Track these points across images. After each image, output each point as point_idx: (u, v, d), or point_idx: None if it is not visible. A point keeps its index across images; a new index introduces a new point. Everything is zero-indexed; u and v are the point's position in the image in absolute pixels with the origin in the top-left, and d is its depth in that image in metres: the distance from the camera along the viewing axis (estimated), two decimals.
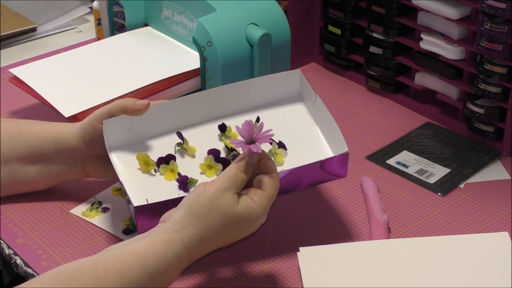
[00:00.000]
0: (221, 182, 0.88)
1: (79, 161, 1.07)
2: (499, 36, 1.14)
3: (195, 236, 0.87)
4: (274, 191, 0.90)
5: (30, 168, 1.08)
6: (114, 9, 1.42)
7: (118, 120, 1.03)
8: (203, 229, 0.87)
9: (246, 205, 0.88)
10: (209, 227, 0.87)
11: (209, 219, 0.87)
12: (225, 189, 0.87)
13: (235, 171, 0.89)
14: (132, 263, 0.83)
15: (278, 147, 1.06)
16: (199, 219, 0.87)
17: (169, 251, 0.85)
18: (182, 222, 0.87)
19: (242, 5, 1.23)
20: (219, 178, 0.89)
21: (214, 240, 0.88)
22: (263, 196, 0.89)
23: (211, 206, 0.87)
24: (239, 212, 0.88)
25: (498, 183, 1.16)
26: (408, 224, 1.07)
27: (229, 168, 0.89)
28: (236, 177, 0.88)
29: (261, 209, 0.89)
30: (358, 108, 1.35)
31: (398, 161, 1.20)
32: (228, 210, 0.87)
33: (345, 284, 0.95)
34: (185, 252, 0.86)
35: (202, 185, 0.88)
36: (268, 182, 0.90)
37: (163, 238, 0.85)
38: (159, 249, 0.84)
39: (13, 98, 1.36)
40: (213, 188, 0.87)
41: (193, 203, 0.87)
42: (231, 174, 0.88)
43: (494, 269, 0.96)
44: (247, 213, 0.88)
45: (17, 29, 1.59)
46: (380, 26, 1.33)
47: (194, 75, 1.26)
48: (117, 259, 0.83)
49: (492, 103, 1.21)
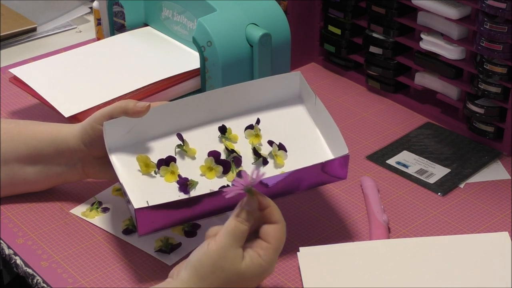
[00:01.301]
0: (222, 240, 0.86)
1: (79, 162, 1.07)
2: (499, 36, 1.14)
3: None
4: (280, 242, 0.89)
5: (29, 168, 1.07)
6: (114, 9, 1.42)
7: (119, 121, 1.03)
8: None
9: (251, 261, 0.87)
10: (216, 286, 0.86)
11: (213, 280, 0.86)
12: (227, 248, 0.86)
13: (234, 224, 0.86)
14: None
15: (279, 149, 1.06)
16: (204, 281, 0.86)
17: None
18: (188, 283, 0.86)
19: (242, 5, 1.23)
20: (220, 235, 0.87)
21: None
22: (269, 250, 0.88)
23: (214, 267, 0.86)
24: (243, 269, 0.86)
25: (498, 183, 1.16)
26: (408, 224, 1.07)
27: (228, 221, 0.87)
28: (236, 230, 0.86)
29: (267, 264, 0.88)
30: (358, 108, 1.35)
31: (398, 161, 1.20)
32: (232, 269, 0.86)
33: (345, 284, 0.95)
34: None
35: (206, 243, 0.87)
36: (274, 233, 0.88)
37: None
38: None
39: (13, 98, 1.36)
40: (215, 247, 0.86)
41: (197, 264, 0.86)
42: (229, 228, 0.86)
43: (494, 269, 0.96)
44: (252, 269, 0.87)
45: (17, 29, 1.59)
46: (380, 26, 1.33)
47: (194, 75, 1.25)
48: None
49: (492, 103, 1.21)
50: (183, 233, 1.04)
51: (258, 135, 1.08)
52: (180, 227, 1.04)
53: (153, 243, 1.02)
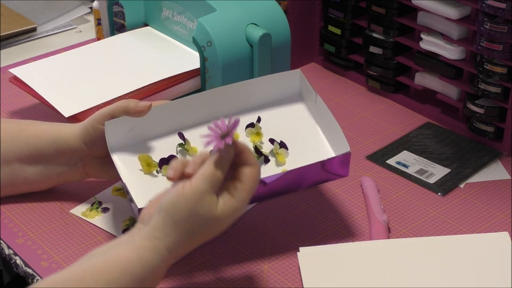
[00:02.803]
0: (198, 184, 0.85)
1: (79, 162, 1.07)
2: (499, 36, 1.14)
3: (177, 242, 0.86)
4: (254, 184, 0.88)
5: (30, 168, 1.07)
6: (114, 9, 1.42)
7: (120, 121, 1.03)
8: (185, 234, 0.86)
9: (224, 204, 0.86)
10: (191, 232, 0.86)
11: (189, 225, 0.85)
12: (203, 193, 0.85)
13: (212, 170, 0.85)
14: (120, 272, 0.82)
15: (280, 147, 1.06)
16: (180, 226, 0.85)
17: (155, 257, 0.85)
18: (163, 229, 0.85)
19: (242, 5, 1.23)
20: (196, 178, 0.86)
21: (196, 240, 0.88)
22: (242, 191, 0.87)
23: (191, 212, 0.85)
24: (218, 214, 0.86)
25: (498, 183, 1.16)
26: (408, 224, 1.07)
27: (205, 166, 0.86)
28: (213, 177, 0.85)
29: (240, 204, 0.87)
30: (358, 108, 1.35)
31: (398, 161, 1.20)
32: (207, 214, 0.85)
33: (345, 284, 0.95)
34: (169, 256, 0.86)
35: (180, 187, 0.86)
36: (250, 174, 0.88)
37: (147, 245, 0.85)
38: (144, 256, 0.84)
39: (13, 98, 1.36)
40: (190, 191, 0.85)
41: (172, 209, 0.85)
42: (207, 174, 0.85)
43: (494, 269, 0.96)
44: (226, 211, 0.87)
45: (17, 29, 1.59)
46: (380, 26, 1.33)
47: (194, 75, 1.26)
48: (105, 269, 0.82)
49: (492, 103, 1.21)
50: None
51: (259, 133, 1.08)
52: None
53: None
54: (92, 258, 0.84)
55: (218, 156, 0.86)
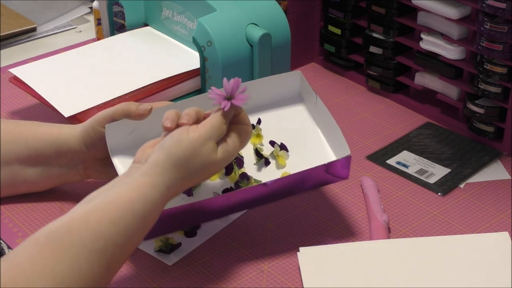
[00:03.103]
0: (206, 130, 0.92)
1: (80, 163, 1.07)
2: (499, 36, 1.14)
3: (177, 179, 0.90)
4: (246, 141, 0.96)
5: (30, 169, 1.07)
6: (114, 9, 1.42)
7: (120, 123, 1.02)
8: (184, 173, 0.90)
9: (223, 152, 0.93)
10: (190, 171, 0.91)
11: (190, 164, 0.90)
12: (208, 138, 0.91)
13: (219, 122, 0.93)
14: (123, 210, 0.85)
15: (280, 149, 1.06)
16: (181, 164, 0.90)
17: (155, 194, 0.88)
18: (164, 165, 0.89)
19: (242, 5, 1.23)
20: (203, 125, 0.92)
21: (194, 180, 0.92)
22: (237, 142, 0.94)
23: (194, 152, 0.90)
24: (218, 159, 0.92)
25: (498, 183, 1.16)
26: (408, 224, 1.07)
27: (213, 117, 0.93)
28: (220, 127, 0.93)
29: (234, 152, 0.94)
30: (358, 108, 1.35)
31: (398, 161, 1.20)
32: (208, 158, 0.91)
33: (345, 284, 0.95)
34: (167, 193, 0.90)
35: (185, 129, 0.91)
36: (243, 130, 0.95)
37: (147, 181, 0.88)
38: (145, 193, 0.87)
39: (13, 98, 1.36)
40: (197, 134, 0.91)
41: (175, 147, 0.90)
42: (216, 124, 0.92)
43: (494, 269, 0.96)
44: (223, 158, 0.93)
45: (17, 29, 1.59)
46: (380, 26, 1.33)
47: (194, 75, 1.26)
48: (108, 209, 0.85)
49: (492, 103, 1.21)
50: (183, 233, 1.04)
51: (259, 135, 1.08)
52: None
53: (153, 243, 1.02)
54: (92, 201, 0.87)
55: (225, 112, 0.94)
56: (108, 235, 0.83)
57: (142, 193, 0.87)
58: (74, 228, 0.82)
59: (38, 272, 0.79)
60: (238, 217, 1.07)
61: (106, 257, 0.83)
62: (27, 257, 0.80)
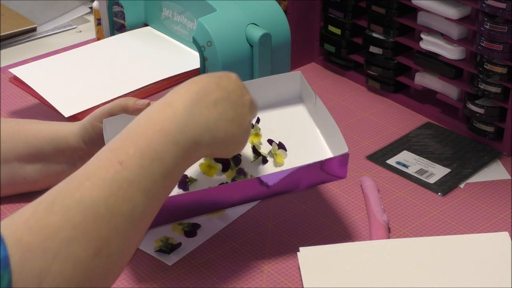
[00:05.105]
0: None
1: (79, 161, 1.07)
2: (499, 36, 1.14)
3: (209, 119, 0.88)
4: (256, 110, 0.97)
5: (29, 167, 1.08)
6: (114, 9, 1.42)
7: (118, 118, 1.03)
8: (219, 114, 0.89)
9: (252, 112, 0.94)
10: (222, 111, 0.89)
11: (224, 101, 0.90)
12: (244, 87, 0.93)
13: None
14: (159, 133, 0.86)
15: (278, 148, 1.06)
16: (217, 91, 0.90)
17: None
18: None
19: (242, 5, 1.23)
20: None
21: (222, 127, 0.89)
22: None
23: (240, 89, 0.92)
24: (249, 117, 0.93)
25: (498, 183, 1.16)
26: (408, 224, 1.07)
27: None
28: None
29: (251, 119, 0.94)
30: (358, 108, 1.35)
31: (398, 161, 1.20)
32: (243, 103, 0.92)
33: (345, 284, 0.95)
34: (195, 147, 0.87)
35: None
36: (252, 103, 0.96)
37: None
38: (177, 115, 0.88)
39: (13, 98, 1.36)
40: (237, 77, 0.93)
41: (222, 78, 0.90)
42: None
43: (494, 269, 0.96)
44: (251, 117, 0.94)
45: (17, 29, 1.59)
46: (380, 26, 1.33)
47: (194, 75, 1.25)
48: (141, 134, 0.85)
49: (492, 103, 1.21)
50: (183, 233, 1.04)
51: (258, 134, 1.08)
52: (180, 226, 1.04)
53: (153, 243, 1.02)
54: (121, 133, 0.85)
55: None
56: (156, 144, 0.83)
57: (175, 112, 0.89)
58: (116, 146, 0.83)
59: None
60: (238, 217, 1.07)
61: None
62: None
